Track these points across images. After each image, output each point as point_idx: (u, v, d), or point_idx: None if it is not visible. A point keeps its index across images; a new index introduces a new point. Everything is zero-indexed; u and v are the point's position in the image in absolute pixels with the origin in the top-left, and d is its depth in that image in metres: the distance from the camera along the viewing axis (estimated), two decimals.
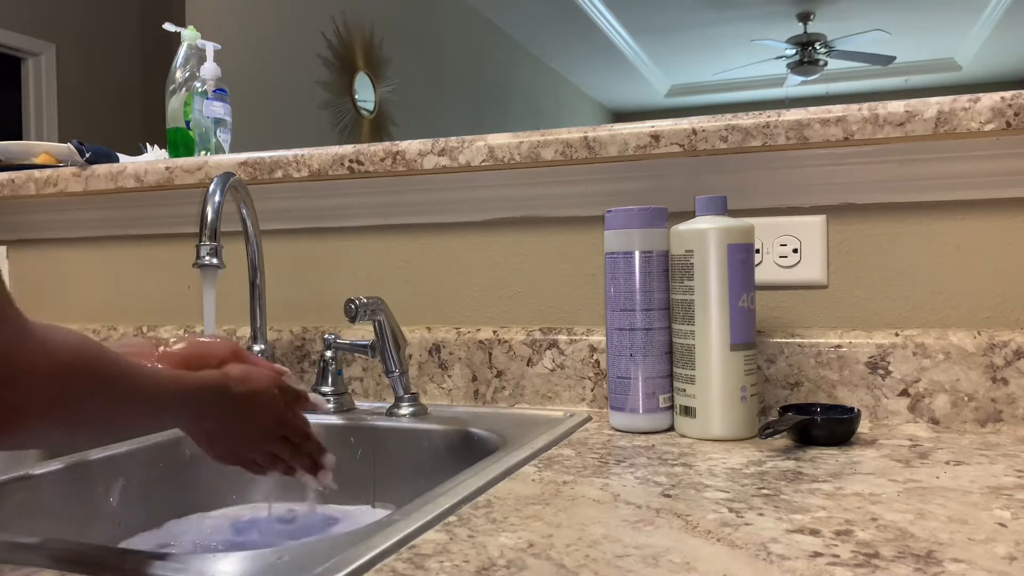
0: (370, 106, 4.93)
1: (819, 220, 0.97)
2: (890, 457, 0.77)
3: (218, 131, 1.36)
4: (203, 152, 1.35)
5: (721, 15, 6.73)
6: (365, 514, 0.93)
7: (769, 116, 0.95)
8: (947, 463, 0.74)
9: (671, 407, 0.90)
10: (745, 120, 0.96)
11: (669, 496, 0.65)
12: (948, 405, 0.90)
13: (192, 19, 3.63)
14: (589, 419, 0.97)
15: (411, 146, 1.10)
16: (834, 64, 7.32)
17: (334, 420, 1.01)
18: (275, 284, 1.21)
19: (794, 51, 7.02)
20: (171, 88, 1.43)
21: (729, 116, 0.97)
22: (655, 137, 0.99)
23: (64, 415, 0.51)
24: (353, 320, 0.94)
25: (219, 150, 1.36)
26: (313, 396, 0.80)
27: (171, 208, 1.27)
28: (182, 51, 1.43)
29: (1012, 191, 0.91)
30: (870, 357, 0.92)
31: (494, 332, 1.09)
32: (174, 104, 1.42)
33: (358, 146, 1.13)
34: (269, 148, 1.20)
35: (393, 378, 1.01)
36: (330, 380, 1.05)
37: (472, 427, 0.94)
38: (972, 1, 6.49)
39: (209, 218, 0.92)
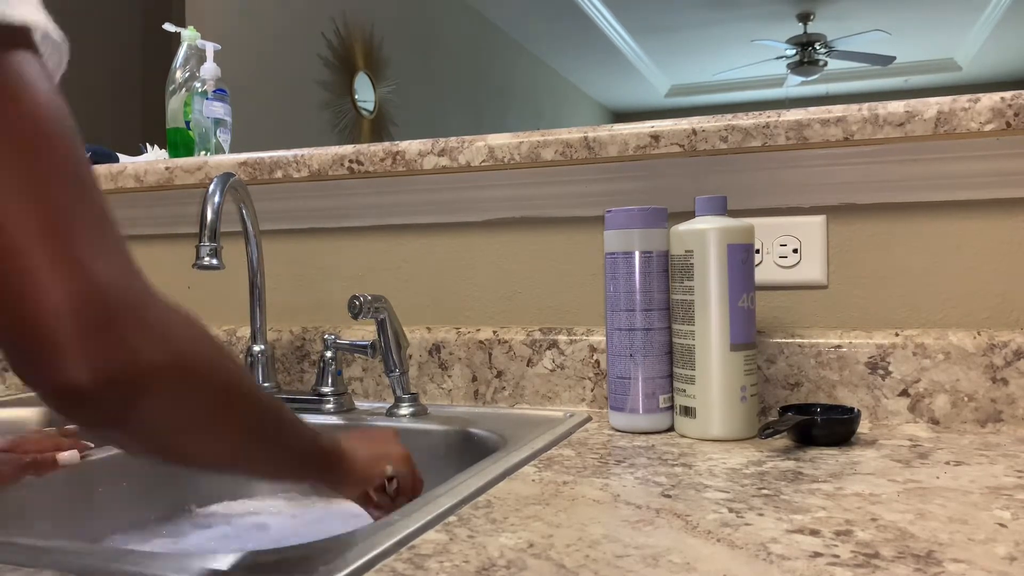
0: (370, 106, 4.93)
1: (819, 220, 0.97)
2: (890, 457, 0.77)
3: (218, 131, 1.36)
4: (203, 152, 1.35)
5: (721, 15, 6.73)
6: (365, 514, 0.93)
7: (769, 116, 0.95)
8: (947, 463, 0.74)
9: (671, 407, 0.90)
10: (745, 120, 0.96)
11: (669, 496, 0.65)
12: (948, 405, 0.90)
13: (192, 19, 3.62)
14: (589, 419, 0.97)
15: (411, 146, 1.10)
16: (834, 64, 7.32)
17: (334, 420, 1.01)
18: (275, 284, 1.21)
19: (794, 51, 7.01)
20: (171, 88, 1.43)
21: (729, 116, 0.97)
22: (655, 137, 0.99)
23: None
24: (356, 316, 0.94)
25: (219, 150, 1.36)
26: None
27: (171, 208, 1.27)
28: (182, 51, 1.43)
29: (1012, 191, 0.91)
30: (870, 357, 0.92)
31: (494, 332, 1.09)
32: (174, 104, 1.42)
33: (358, 146, 1.13)
34: (269, 148, 1.20)
35: (393, 378, 1.01)
36: (330, 380, 1.05)
37: (472, 427, 0.94)
38: (972, 1, 6.49)
39: (209, 218, 0.92)
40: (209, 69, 1.35)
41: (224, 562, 0.54)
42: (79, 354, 0.39)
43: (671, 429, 0.90)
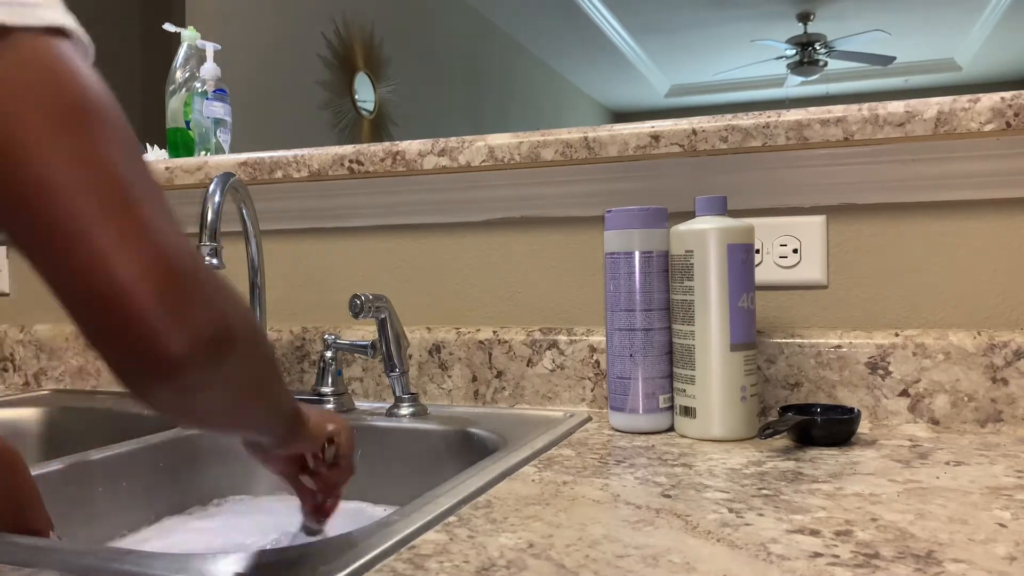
0: (370, 106, 4.93)
1: (819, 220, 0.97)
2: (890, 457, 0.77)
3: (218, 131, 1.36)
4: (203, 152, 1.35)
5: (721, 15, 6.73)
6: (365, 514, 0.93)
7: (769, 116, 0.95)
8: (947, 463, 0.74)
9: (671, 407, 0.90)
10: (745, 120, 0.96)
11: (669, 496, 0.65)
12: (948, 405, 0.90)
13: (192, 19, 3.62)
14: (589, 419, 0.97)
15: (411, 146, 1.10)
16: (834, 64, 7.32)
17: None
18: (275, 284, 1.21)
19: (794, 51, 7.01)
20: (171, 88, 1.43)
21: (729, 116, 0.97)
22: (655, 137, 0.99)
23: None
24: (357, 316, 0.94)
25: (219, 150, 1.36)
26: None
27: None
28: (182, 51, 1.43)
29: (1012, 191, 0.91)
30: (870, 357, 0.92)
31: (494, 332, 1.09)
32: (174, 104, 1.42)
33: (358, 146, 1.13)
34: (269, 148, 1.20)
35: (393, 378, 1.01)
36: (330, 380, 1.05)
37: (472, 427, 0.94)
38: (972, 1, 6.48)
39: (209, 218, 0.92)
40: (209, 69, 1.35)
41: (224, 562, 0.54)
42: (173, 321, 0.38)
43: (671, 429, 0.90)
